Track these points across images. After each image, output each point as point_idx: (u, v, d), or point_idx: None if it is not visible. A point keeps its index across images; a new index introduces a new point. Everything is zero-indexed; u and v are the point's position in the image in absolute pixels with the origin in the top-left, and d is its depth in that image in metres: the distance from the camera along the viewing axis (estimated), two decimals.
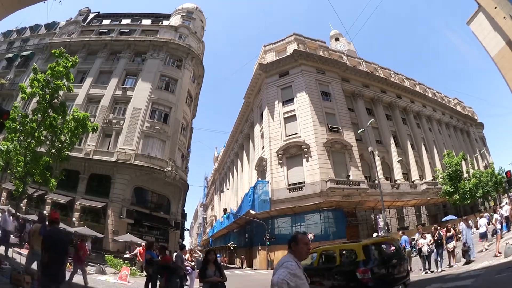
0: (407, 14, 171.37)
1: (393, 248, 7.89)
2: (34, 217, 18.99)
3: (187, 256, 10.57)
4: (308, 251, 2.86)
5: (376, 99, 34.07)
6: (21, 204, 18.13)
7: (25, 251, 10.55)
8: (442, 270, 10.80)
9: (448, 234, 11.27)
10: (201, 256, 14.46)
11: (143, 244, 15.27)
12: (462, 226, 11.37)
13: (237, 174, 43.56)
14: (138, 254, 14.51)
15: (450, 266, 11.21)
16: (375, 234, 17.37)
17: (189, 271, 10.21)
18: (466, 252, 10.99)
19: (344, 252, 7.47)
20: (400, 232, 15.47)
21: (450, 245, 10.97)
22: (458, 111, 49.48)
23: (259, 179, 28.75)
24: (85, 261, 9.72)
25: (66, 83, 14.71)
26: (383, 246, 7.79)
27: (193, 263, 11.40)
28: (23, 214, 18.00)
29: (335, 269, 7.35)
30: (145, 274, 9.53)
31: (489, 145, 56.24)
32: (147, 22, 34.53)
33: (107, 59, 29.64)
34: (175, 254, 9.82)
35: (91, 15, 36.00)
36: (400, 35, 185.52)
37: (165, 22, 33.99)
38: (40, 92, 13.75)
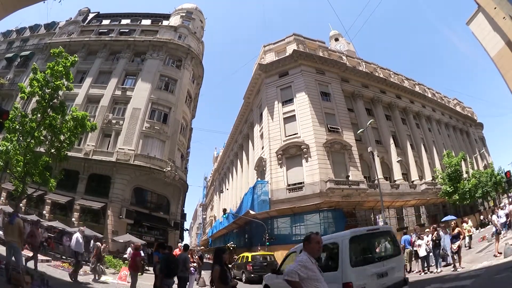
0: (407, 14, 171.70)
1: (270, 258, 16.41)
2: (34, 217, 19.05)
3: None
4: (320, 249, 3.15)
5: (375, 100, 34.09)
6: (21, 204, 18.10)
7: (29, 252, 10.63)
8: (441, 270, 10.80)
9: (453, 233, 10.60)
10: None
11: (180, 245, 14.99)
12: (440, 233, 11.18)
13: (237, 174, 43.53)
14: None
15: (453, 267, 10.29)
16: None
17: (192, 272, 10.17)
18: (444, 256, 11.50)
19: (246, 256, 16.27)
20: (403, 231, 15.57)
21: (455, 245, 10.23)
22: (457, 111, 49.51)
23: (259, 179, 28.72)
24: (140, 269, 9.72)
25: (66, 82, 14.69)
26: (265, 256, 16.28)
27: (195, 264, 11.37)
28: (22, 214, 17.96)
29: (243, 264, 15.74)
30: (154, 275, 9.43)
31: (489, 145, 56.42)
32: (146, 22, 34.54)
33: (106, 59, 29.62)
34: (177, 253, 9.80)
35: (91, 15, 36.00)
36: (400, 35, 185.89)
37: (165, 22, 34.00)
38: (40, 91, 13.72)
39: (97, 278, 11.44)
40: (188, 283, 9.44)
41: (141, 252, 11.17)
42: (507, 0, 13.97)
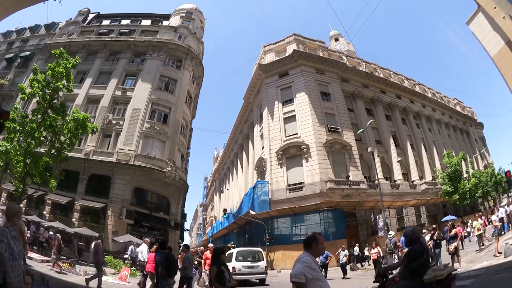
0: (406, 14, 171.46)
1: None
2: (34, 218, 19.07)
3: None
4: (324, 249, 3.32)
5: (375, 99, 34.08)
6: (21, 205, 18.10)
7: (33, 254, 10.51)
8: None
9: (450, 234, 10.62)
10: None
11: (210, 245, 13.52)
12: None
13: (237, 175, 43.53)
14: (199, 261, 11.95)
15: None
16: None
17: (194, 272, 10.17)
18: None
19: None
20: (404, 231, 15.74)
21: (451, 246, 10.19)
22: (457, 111, 49.50)
23: (259, 179, 28.73)
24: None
25: (66, 84, 14.69)
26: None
27: (196, 263, 11.36)
28: (22, 214, 17.97)
29: None
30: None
31: (489, 145, 56.29)
32: (146, 22, 34.51)
33: (106, 60, 29.59)
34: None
35: (91, 16, 35.96)
36: (400, 35, 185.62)
37: (165, 23, 33.97)
38: (40, 92, 13.73)
39: (59, 270, 11.06)
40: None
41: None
42: (507, 0, 13.96)
